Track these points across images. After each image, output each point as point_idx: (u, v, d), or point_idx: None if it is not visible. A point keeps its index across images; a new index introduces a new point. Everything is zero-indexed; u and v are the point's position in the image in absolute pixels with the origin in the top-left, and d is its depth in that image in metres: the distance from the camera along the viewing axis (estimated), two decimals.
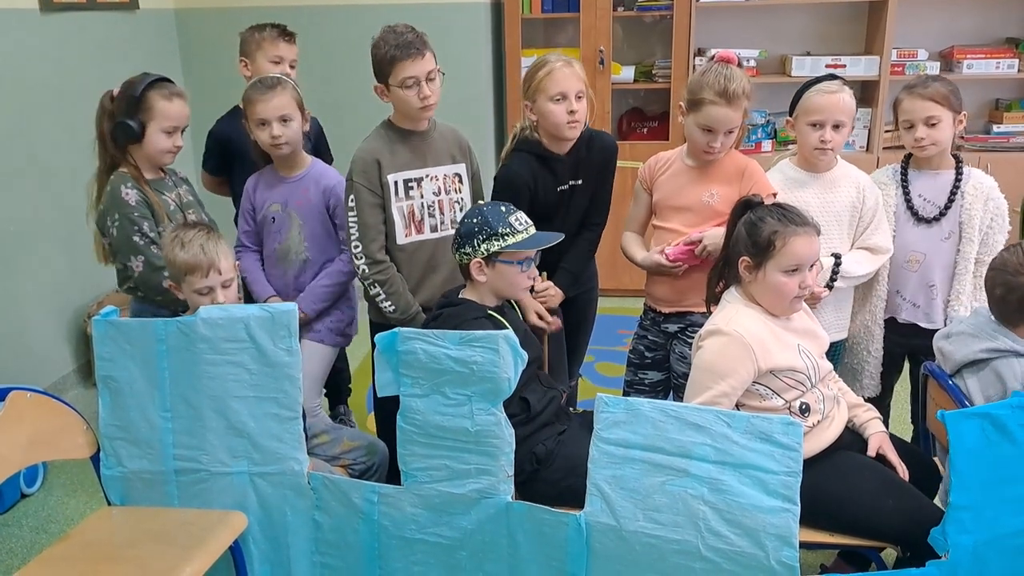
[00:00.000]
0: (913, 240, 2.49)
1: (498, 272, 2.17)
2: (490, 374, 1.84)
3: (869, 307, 2.55)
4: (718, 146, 2.34)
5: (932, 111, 2.39)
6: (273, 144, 2.56)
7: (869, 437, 2.11)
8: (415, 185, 2.49)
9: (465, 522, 1.94)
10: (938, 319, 2.51)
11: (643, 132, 4.74)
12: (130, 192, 2.44)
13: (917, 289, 2.52)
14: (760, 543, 1.67)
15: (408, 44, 2.35)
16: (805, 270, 2.02)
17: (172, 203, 2.54)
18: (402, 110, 2.45)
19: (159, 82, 2.50)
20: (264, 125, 2.54)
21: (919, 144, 2.42)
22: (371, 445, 2.41)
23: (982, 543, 1.70)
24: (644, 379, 2.58)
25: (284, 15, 4.46)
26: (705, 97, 2.30)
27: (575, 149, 2.52)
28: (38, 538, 2.79)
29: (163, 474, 2.12)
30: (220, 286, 2.22)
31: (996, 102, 4.55)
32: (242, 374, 2.06)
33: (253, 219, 2.70)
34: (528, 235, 2.17)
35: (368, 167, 2.42)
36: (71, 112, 3.68)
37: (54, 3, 3.65)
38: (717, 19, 4.58)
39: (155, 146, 2.48)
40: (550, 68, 2.41)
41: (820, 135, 2.39)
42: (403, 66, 2.35)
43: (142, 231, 2.44)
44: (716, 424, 1.73)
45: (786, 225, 2.00)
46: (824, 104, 2.37)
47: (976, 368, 1.99)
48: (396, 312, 2.45)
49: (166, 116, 2.46)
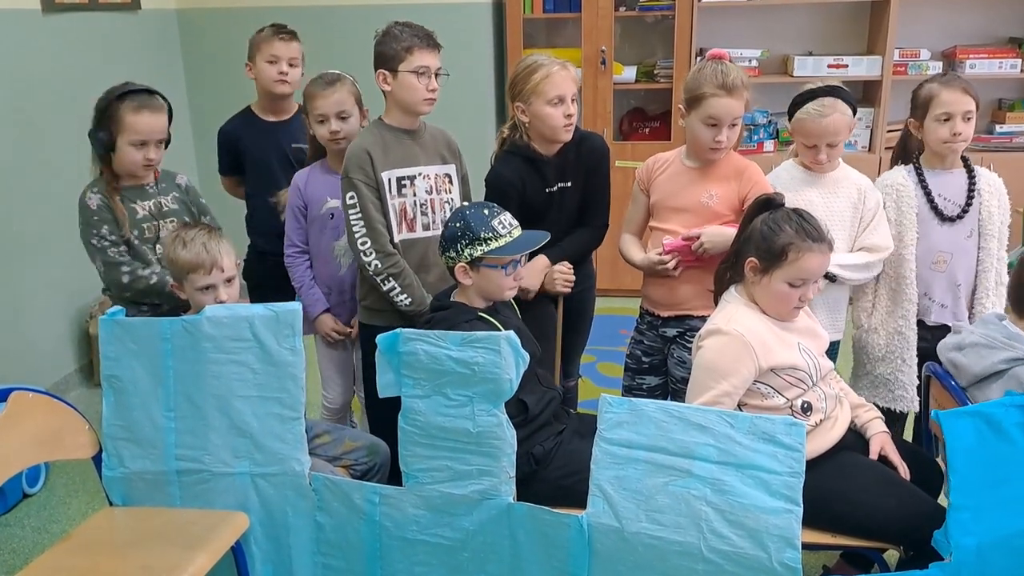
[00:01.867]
0: (938, 240, 2.47)
1: (483, 276, 2.16)
2: (492, 375, 1.84)
3: (901, 311, 2.47)
4: (724, 139, 2.32)
5: (970, 106, 2.38)
6: (332, 139, 2.58)
7: (871, 438, 2.11)
8: (408, 183, 2.48)
9: (467, 523, 1.94)
10: (964, 317, 2.50)
11: (645, 132, 4.74)
12: (93, 197, 2.45)
13: (945, 290, 2.50)
14: (762, 544, 1.67)
15: (428, 35, 2.42)
16: (809, 283, 2.03)
17: (141, 211, 2.51)
18: (406, 100, 2.43)
19: (132, 94, 2.44)
20: (324, 121, 2.56)
21: (955, 139, 2.39)
22: (373, 446, 2.40)
23: (985, 545, 1.70)
24: (642, 384, 2.57)
25: (286, 15, 4.46)
26: (706, 91, 2.30)
27: (563, 151, 2.51)
28: (40, 538, 2.79)
29: (165, 474, 2.11)
30: (223, 283, 2.22)
31: (999, 102, 4.55)
32: (246, 373, 2.06)
33: (304, 216, 2.67)
34: (512, 238, 2.15)
35: (363, 162, 2.41)
36: (73, 112, 3.66)
37: (56, 3, 3.65)
38: (719, 19, 4.58)
39: (125, 158, 2.44)
40: (548, 71, 2.39)
41: (815, 154, 2.41)
42: (421, 54, 2.38)
43: (99, 234, 2.44)
44: (719, 425, 1.73)
45: (803, 239, 1.99)
46: (815, 130, 2.36)
47: (996, 378, 1.96)
48: (412, 305, 2.43)
49: (133, 130, 2.41)
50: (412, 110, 2.45)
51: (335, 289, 2.70)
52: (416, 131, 2.52)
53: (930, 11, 4.46)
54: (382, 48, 2.42)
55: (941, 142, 2.42)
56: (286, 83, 2.90)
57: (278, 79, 2.88)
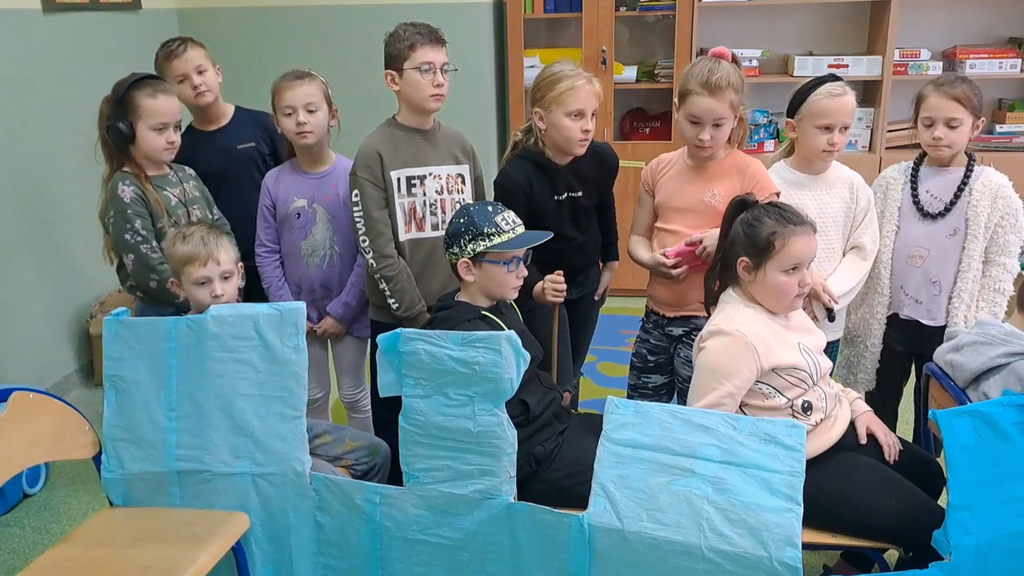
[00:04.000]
0: (916, 236, 2.49)
1: (485, 272, 2.17)
2: (492, 375, 1.84)
3: (869, 301, 2.57)
4: (707, 138, 2.32)
5: (955, 112, 2.38)
6: (298, 132, 2.57)
7: (856, 419, 2.13)
8: (418, 183, 2.50)
9: (467, 523, 1.94)
10: (940, 316, 2.51)
11: (645, 132, 4.74)
12: (126, 190, 2.45)
13: (920, 285, 2.51)
14: (763, 543, 1.67)
15: (431, 32, 2.44)
16: (804, 269, 2.03)
17: (175, 199, 2.55)
18: (413, 98, 2.45)
19: (144, 80, 2.49)
20: (291, 113, 2.56)
21: (935, 143, 2.42)
22: (373, 445, 2.41)
23: (985, 544, 1.70)
24: (648, 383, 2.58)
25: (286, 15, 4.49)
26: (690, 88, 2.31)
27: (577, 160, 2.52)
28: (40, 538, 2.79)
29: (165, 475, 2.12)
30: (219, 277, 2.23)
31: (999, 102, 4.55)
32: (249, 372, 2.07)
33: (273, 215, 2.69)
34: (515, 235, 2.16)
35: (371, 161, 2.44)
36: (73, 112, 3.68)
37: (56, 3, 3.65)
38: (719, 19, 4.58)
39: (148, 144, 2.48)
40: (572, 84, 2.38)
41: (829, 138, 2.39)
42: (424, 50, 2.40)
43: (134, 228, 2.45)
44: (722, 427, 1.74)
45: (784, 225, 2.01)
46: (833, 108, 2.37)
47: (993, 373, 1.96)
48: (400, 309, 2.47)
49: (152, 113, 2.46)
50: (420, 107, 2.46)
51: (305, 288, 2.71)
52: (429, 131, 2.53)
53: (930, 11, 4.46)
54: (388, 49, 2.44)
55: (925, 144, 2.46)
56: (203, 94, 2.81)
57: (192, 94, 2.80)
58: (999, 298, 2.47)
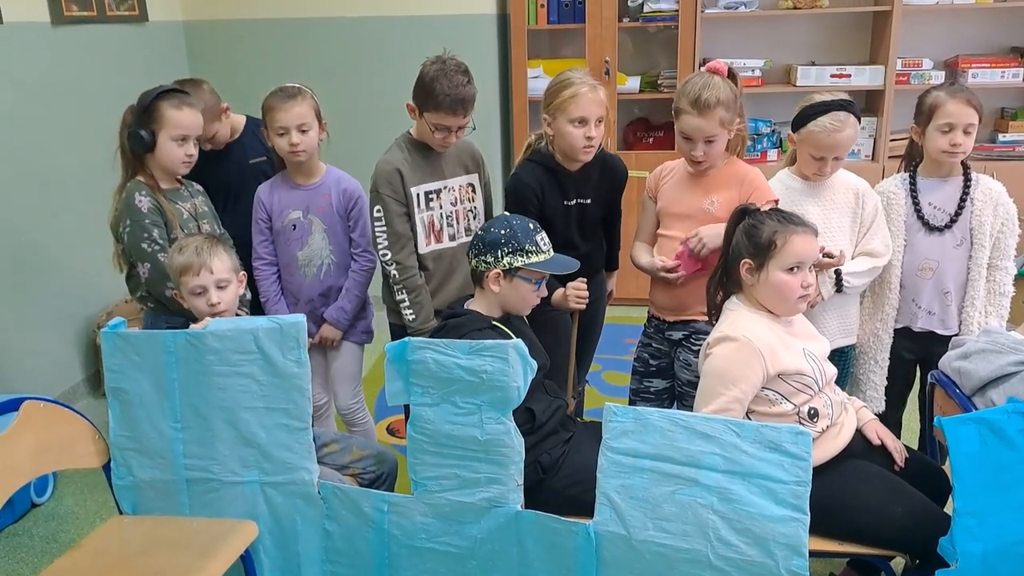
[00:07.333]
0: (925, 248, 2.50)
1: (514, 286, 2.18)
2: (500, 383, 1.85)
3: (881, 315, 2.55)
4: (699, 154, 2.35)
5: (973, 119, 2.40)
6: (292, 152, 2.59)
7: (863, 426, 2.14)
8: (435, 196, 2.57)
9: (475, 531, 1.95)
10: (953, 325, 2.52)
11: (649, 142, 4.76)
12: (143, 200, 2.47)
13: (932, 297, 2.52)
14: (770, 552, 1.68)
15: (460, 101, 2.41)
16: (806, 268, 2.05)
17: (186, 212, 2.57)
18: (424, 135, 2.52)
19: (171, 92, 2.53)
20: (284, 133, 2.58)
21: (954, 149, 2.42)
22: (380, 454, 2.42)
23: (991, 551, 1.71)
24: (649, 387, 2.59)
25: (291, 27, 4.51)
26: (681, 106, 2.34)
27: (586, 168, 2.55)
28: (49, 547, 2.80)
29: (175, 483, 2.13)
30: (214, 286, 2.25)
31: (1001, 111, 4.56)
32: (251, 385, 2.07)
33: (269, 228, 2.71)
34: (550, 256, 2.19)
35: (392, 178, 2.49)
36: (82, 123, 3.71)
37: (65, 16, 3.69)
38: (722, 29, 4.60)
39: (167, 155, 2.50)
40: (575, 91, 2.40)
41: (821, 166, 2.43)
42: (445, 117, 2.43)
43: (151, 238, 2.47)
44: (725, 433, 1.73)
45: (785, 225, 2.04)
46: (827, 144, 2.38)
47: (1003, 381, 1.96)
48: (416, 321, 2.52)
49: (175, 125, 2.49)
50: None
51: (302, 299, 2.73)
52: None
53: (932, 21, 4.48)
54: (419, 84, 2.46)
55: (939, 151, 2.44)
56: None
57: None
58: (1003, 300, 2.51)
